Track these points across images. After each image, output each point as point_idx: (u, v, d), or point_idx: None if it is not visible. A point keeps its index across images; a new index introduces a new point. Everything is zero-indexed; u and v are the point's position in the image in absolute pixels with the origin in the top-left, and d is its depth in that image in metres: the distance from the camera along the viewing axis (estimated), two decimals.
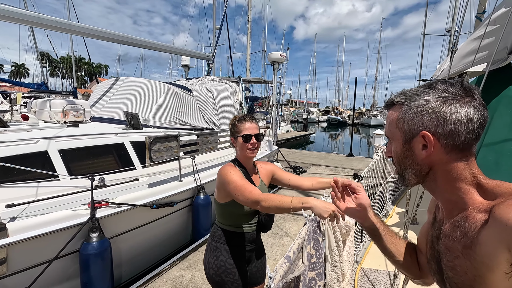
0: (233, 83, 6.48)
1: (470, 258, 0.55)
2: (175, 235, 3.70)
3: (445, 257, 0.62)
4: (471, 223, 0.56)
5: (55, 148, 3.00)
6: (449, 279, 0.62)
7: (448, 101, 0.58)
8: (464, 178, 0.60)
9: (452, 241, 0.60)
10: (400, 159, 0.67)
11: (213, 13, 16.10)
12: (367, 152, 16.93)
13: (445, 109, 0.58)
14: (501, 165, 1.80)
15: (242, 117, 1.51)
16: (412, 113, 0.62)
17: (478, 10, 4.41)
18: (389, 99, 0.70)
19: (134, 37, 5.83)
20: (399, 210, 3.94)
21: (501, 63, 2.31)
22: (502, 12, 2.47)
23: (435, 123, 0.58)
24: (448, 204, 0.64)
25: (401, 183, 0.71)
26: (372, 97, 60.99)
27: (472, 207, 0.58)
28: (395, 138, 0.67)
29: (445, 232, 0.63)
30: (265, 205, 1.21)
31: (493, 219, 0.52)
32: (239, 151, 1.50)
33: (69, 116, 3.77)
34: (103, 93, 5.31)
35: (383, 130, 8.59)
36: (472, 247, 0.55)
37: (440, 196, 0.65)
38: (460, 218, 0.59)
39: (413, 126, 0.62)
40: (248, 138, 1.45)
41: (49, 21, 4.28)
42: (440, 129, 0.58)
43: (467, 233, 0.57)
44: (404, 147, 0.65)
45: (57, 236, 2.34)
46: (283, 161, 8.31)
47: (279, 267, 0.77)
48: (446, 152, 0.59)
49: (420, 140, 0.61)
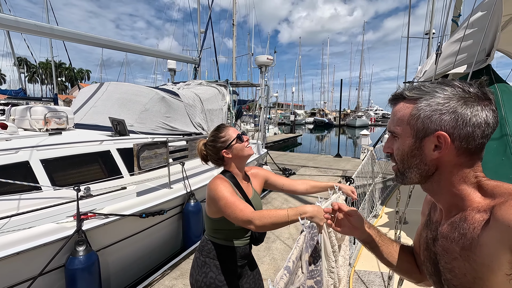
0: (221, 87, 6.44)
1: (469, 260, 0.55)
2: (165, 244, 3.62)
3: (443, 259, 0.61)
4: (469, 224, 0.56)
5: (37, 158, 2.87)
6: (448, 281, 0.61)
7: (469, 102, 0.55)
8: (467, 181, 0.59)
9: (450, 242, 0.59)
10: (406, 157, 0.63)
11: (197, 17, 16.01)
12: (354, 152, 17.25)
13: (467, 110, 0.55)
14: (486, 163, 1.86)
15: (218, 127, 1.44)
16: (430, 111, 0.57)
17: (454, 14, 4.60)
18: (398, 92, 0.65)
19: (118, 40, 5.71)
20: (388, 210, 4.02)
21: (480, 64, 2.40)
22: (479, 16, 2.57)
23: (454, 124, 0.55)
24: (448, 206, 0.63)
25: (398, 181, 0.68)
26: (357, 98, 62.43)
27: (470, 207, 0.57)
28: (403, 135, 0.62)
29: (443, 233, 0.62)
30: (259, 224, 1.12)
31: (494, 220, 0.51)
32: (238, 155, 1.40)
33: (51, 124, 3.63)
34: (86, 99, 5.15)
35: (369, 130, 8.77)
36: (472, 248, 0.54)
37: (441, 197, 0.64)
38: (459, 219, 0.59)
39: (429, 125, 0.58)
40: (241, 137, 1.41)
41: (28, 24, 4.13)
42: (457, 131, 0.55)
43: (465, 234, 0.56)
44: (413, 145, 0.61)
45: (41, 252, 2.23)
46: (272, 163, 8.32)
47: (279, 279, 0.76)
48: (457, 154, 0.58)
49: (433, 140, 0.58)
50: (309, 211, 1.13)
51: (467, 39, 2.59)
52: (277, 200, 5.64)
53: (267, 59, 7.41)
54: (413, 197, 2.15)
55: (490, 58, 2.31)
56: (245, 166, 1.53)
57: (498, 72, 2.41)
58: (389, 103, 0.67)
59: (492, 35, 2.25)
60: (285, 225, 1.12)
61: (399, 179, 0.67)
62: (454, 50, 2.84)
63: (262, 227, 1.14)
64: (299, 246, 0.93)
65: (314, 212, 1.13)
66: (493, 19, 2.13)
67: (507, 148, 1.82)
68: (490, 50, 2.36)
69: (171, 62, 8.62)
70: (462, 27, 3.00)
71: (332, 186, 1.63)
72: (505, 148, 1.83)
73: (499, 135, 1.89)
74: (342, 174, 7.72)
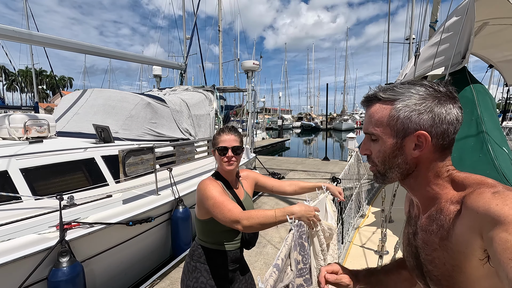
0: (208, 92, 6.43)
1: (447, 249, 0.57)
2: (154, 252, 3.53)
3: (424, 251, 0.63)
4: (445, 215, 0.58)
5: (16, 167, 2.76)
6: (429, 273, 0.63)
7: (442, 101, 0.59)
8: (441, 175, 0.62)
9: (429, 234, 0.61)
10: (387, 158, 0.64)
11: (183, 23, 16.00)
12: (341, 155, 17.52)
13: (442, 109, 0.58)
14: (465, 160, 1.95)
15: (222, 129, 1.43)
16: (409, 111, 0.59)
17: (431, 19, 4.83)
18: (371, 94, 0.65)
19: (101, 47, 5.61)
20: (375, 209, 4.09)
21: (457, 66, 2.52)
22: (454, 21, 2.71)
23: (432, 122, 0.58)
24: (425, 200, 0.65)
25: (379, 182, 0.69)
26: (342, 102, 63.75)
27: (445, 200, 0.60)
28: (383, 136, 0.63)
29: (422, 227, 0.65)
30: (247, 224, 1.11)
31: (465, 209, 0.54)
32: (218, 163, 1.43)
33: (32, 132, 3.51)
34: (69, 106, 5.01)
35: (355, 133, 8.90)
36: (449, 238, 0.56)
37: (418, 192, 0.66)
38: (435, 211, 0.61)
39: (409, 125, 0.59)
40: (224, 151, 1.36)
41: (5, 30, 3.99)
42: (435, 129, 0.58)
43: (443, 225, 0.58)
44: (395, 145, 0.62)
45: (21, 264, 2.13)
46: (261, 168, 8.34)
47: (269, 277, 0.76)
48: (434, 151, 0.60)
49: (413, 139, 0.60)
50: (296, 211, 1.14)
51: (443, 43, 2.71)
52: (268, 204, 5.64)
53: (253, 64, 7.47)
54: (398, 196, 2.20)
55: (466, 60, 2.42)
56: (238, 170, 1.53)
57: (474, 75, 2.53)
58: (363, 104, 0.68)
59: (467, 38, 2.37)
60: (273, 225, 1.12)
61: (379, 180, 0.68)
62: (432, 53, 2.96)
63: (250, 227, 1.13)
64: (287, 244, 0.94)
65: (301, 211, 1.14)
66: (467, 23, 2.25)
67: (484, 145, 1.90)
68: (465, 52, 2.48)
69: (156, 68, 8.54)
70: (439, 32, 3.14)
71: (320, 186, 1.66)
72: (482, 146, 1.92)
73: (475, 133, 1.98)
74: (330, 177, 7.83)
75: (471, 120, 2.05)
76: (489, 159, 1.83)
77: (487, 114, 2.06)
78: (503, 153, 1.89)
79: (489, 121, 2.02)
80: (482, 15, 2.68)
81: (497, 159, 1.82)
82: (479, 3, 2.36)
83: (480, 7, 2.48)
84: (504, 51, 3.40)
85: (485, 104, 2.15)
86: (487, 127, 1.96)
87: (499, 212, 0.47)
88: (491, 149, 1.86)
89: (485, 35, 3.03)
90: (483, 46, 3.33)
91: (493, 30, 2.94)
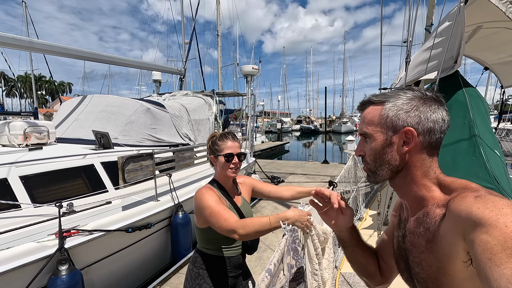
0: (207, 97, 6.47)
1: (433, 251, 0.59)
2: (154, 258, 3.54)
3: (411, 254, 0.66)
4: (431, 218, 0.60)
5: (15, 175, 2.78)
6: (416, 275, 0.65)
7: (428, 102, 0.64)
8: (428, 175, 0.65)
9: (417, 237, 0.64)
10: (378, 155, 0.68)
11: (182, 28, 16.12)
12: (340, 158, 17.51)
13: (427, 108, 0.63)
14: (458, 163, 1.97)
15: (223, 135, 1.44)
16: (397, 110, 0.65)
17: (427, 23, 4.88)
18: (365, 99, 0.72)
19: (101, 53, 5.67)
20: (372, 212, 4.11)
21: (449, 71, 2.55)
22: (446, 25, 2.75)
23: (418, 120, 0.63)
24: (413, 202, 0.68)
25: (371, 181, 0.72)
26: (341, 105, 63.93)
27: (432, 203, 0.62)
28: (374, 135, 0.68)
29: (410, 230, 0.67)
30: (242, 233, 1.12)
31: (449, 212, 0.57)
32: (219, 170, 1.42)
33: (31, 139, 3.54)
34: (69, 112, 5.05)
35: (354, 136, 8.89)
36: (434, 240, 0.59)
37: (407, 193, 0.68)
38: (422, 214, 0.64)
39: (397, 122, 0.64)
40: (230, 158, 1.37)
41: (6, 38, 4.05)
42: (421, 126, 0.63)
43: (429, 228, 0.60)
44: (384, 142, 0.66)
45: (20, 273, 2.14)
46: (260, 172, 8.35)
47: (261, 281, 0.78)
48: (421, 149, 0.64)
49: (401, 136, 0.64)
50: (290, 216, 1.15)
51: (436, 47, 2.75)
52: (266, 208, 5.65)
53: (252, 69, 7.52)
54: (394, 199, 2.23)
55: (457, 64, 2.46)
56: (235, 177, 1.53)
57: (470, 77, 2.56)
58: (358, 109, 0.74)
59: (458, 43, 2.40)
60: (269, 232, 1.13)
61: (371, 178, 0.72)
62: (425, 57, 3.01)
63: (246, 236, 1.14)
64: (280, 249, 0.96)
65: (295, 216, 1.17)
66: (457, 28, 2.29)
67: (476, 148, 1.93)
68: (457, 57, 2.52)
69: (156, 73, 8.60)
70: (432, 36, 3.19)
71: None
72: (474, 149, 1.94)
73: (468, 136, 2.01)
74: (330, 180, 7.83)
75: (463, 123, 2.08)
76: (481, 162, 1.86)
77: (479, 117, 2.09)
78: (495, 156, 1.91)
79: (481, 124, 2.05)
80: (475, 18, 2.72)
81: (489, 162, 1.84)
82: (471, 8, 2.39)
83: (472, 11, 2.52)
84: (499, 53, 3.43)
85: (478, 108, 2.18)
86: (480, 131, 1.99)
87: (480, 215, 0.49)
88: (483, 152, 1.89)
89: (480, 37, 3.07)
90: (478, 48, 3.36)
91: (488, 33, 2.97)
